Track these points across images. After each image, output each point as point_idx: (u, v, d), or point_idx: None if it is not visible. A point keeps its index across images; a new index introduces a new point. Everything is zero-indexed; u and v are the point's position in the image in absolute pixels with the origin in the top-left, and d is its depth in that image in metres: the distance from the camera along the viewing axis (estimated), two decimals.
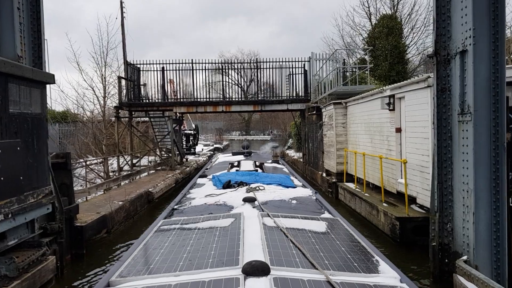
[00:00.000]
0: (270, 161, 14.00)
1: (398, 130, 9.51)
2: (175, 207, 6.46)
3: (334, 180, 14.36)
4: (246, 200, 5.51)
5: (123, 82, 20.87)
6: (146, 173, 18.43)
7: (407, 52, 30.18)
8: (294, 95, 21.38)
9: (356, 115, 12.99)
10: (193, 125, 36.20)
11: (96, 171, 20.93)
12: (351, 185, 13.00)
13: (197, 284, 2.74)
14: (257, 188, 6.66)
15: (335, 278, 2.84)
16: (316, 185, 17.52)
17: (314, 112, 16.73)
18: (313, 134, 18.80)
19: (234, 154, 17.22)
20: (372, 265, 3.33)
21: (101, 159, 20.91)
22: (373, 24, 30.34)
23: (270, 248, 3.39)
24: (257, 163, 11.59)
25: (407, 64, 29.83)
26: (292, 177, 9.41)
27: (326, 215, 5.34)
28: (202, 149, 39.01)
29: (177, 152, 22.52)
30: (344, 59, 21.51)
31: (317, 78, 21.13)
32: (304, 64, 21.45)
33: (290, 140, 35.66)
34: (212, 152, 36.07)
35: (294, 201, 5.99)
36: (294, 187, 7.75)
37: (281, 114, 53.49)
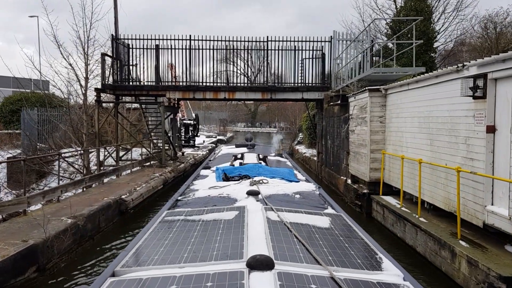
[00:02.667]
0: (274, 154, 13.31)
1: (491, 129, 6.08)
2: (179, 198, 6.26)
3: (365, 191, 10.97)
4: (250, 193, 5.42)
5: (109, 61, 17.54)
6: (129, 170, 15.16)
7: (436, 39, 26.55)
8: (310, 82, 17.93)
9: (403, 107, 9.55)
10: (193, 115, 32.77)
11: (78, 165, 17.80)
12: (392, 201, 9.62)
13: (201, 276, 2.76)
14: (261, 181, 6.54)
15: (338, 275, 2.83)
16: (337, 193, 14.13)
17: (338, 102, 13.28)
18: (333, 129, 15.37)
19: (237, 146, 16.43)
20: (376, 262, 3.29)
21: (80, 151, 17.81)
22: (398, 6, 26.71)
23: (274, 242, 3.38)
24: (261, 156, 11.23)
25: (436, 53, 26.26)
26: (295, 171, 9.13)
27: (330, 210, 5.24)
28: (204, 141, 35.63)
29: (170, 146, 19.16)
30: (372, 39, 17.97)
31: (339, 62, 17.63)
32: (322, 47, 17.94)
33: (300, 134, 32.19)
34: (214, 145, 32.73)
35: (297, 196, 5.90)
36: (298, 181, 7.54)
37: (291, 105, 49.94)
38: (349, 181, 12.80)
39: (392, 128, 10.29)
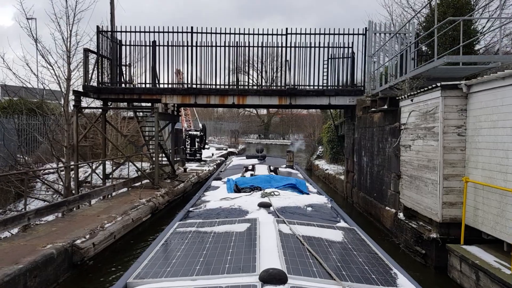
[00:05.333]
0: (285, 165, 12.72)
1: None
2: (191, 209, 6.10)
3: (433, 235, 7.45)
4: (261, 205, 5.33)
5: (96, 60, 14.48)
6: (113, 193, 11.89)
7: (478, 40, 22.93)
8: (338, 85, 14.53)
9: (506, 111, 6.08)
10: (200, 125, 29.55)
11: (59, 184, 14.71)
12: (488, 258, 6.12)
13: None
14: (272, 193, 6.35)
15: None
16: (380, 229, 10.62)
17: (384, 107, 9.81)
18: (372, 143, 11.91)
19: (248, 157, 15.62)
20: (391, 278, 3.21)
21: (58, 168, 14.73)
22: (432, 4, 23.20)
23: (287, 256, 3.34)
24: (272, 168, 10.97)
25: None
26: (307, 183, 8.56)
27: (342, 224, 5.02)
28: (212, 154, 32.29)
29: (169, 161, 15.88)
30: (417, 32, 14.52)
31: (375, 60, 14.23)
32: (352, 43, 14.55)
33: (319, 147, 28.65)
34: (223, 159, 29.40)
35: (309, 208, 5.71)
36: (309, 194, 7.33)
37: (308, 115, 46.50)
38: (400, 215, 9.28)
39: (481, 144, 6.78)
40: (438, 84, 7.29)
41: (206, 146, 36.74)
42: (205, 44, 14.55)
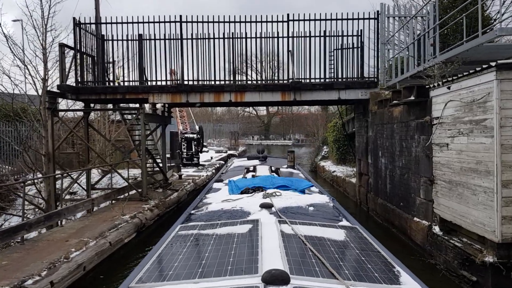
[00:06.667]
0: (286, 166, 12.55)
1: None
2: (192, 211, 6.06)
3: (490, 259, 5.79)
4: (263, 206, 5.29)
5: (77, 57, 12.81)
6: (95, 207, 10.21)
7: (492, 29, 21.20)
8: (346, 77, 12.83)
9: None
10: (197, 127, 27.86)
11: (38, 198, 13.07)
12: None
13: None
14: (274, 194, 6.27)
15: None
16: (405, 243, 8.95)
17: (411, 98, 8.10)
18: (392, 141, 10.24)
19: (249, 158, 15.65)
20: (394, 276, 3.19)
21: (35, 179, 13.12)
22: None
23: (289, 256, 3.32)
24: (273, 168, 10.80)
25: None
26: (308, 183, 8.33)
27: (344, 222, 5.03)
28: (211, 158, 30.58)
29: (156, 168, 14.20)
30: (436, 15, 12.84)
31: (389, 48, 12.58)
32: (361, 30, 12.85)
33: (324, 147, 26.95)
34: (222, 162, 27.72)
35: (311, 208, 5.68)
36: (311, 193, 7.39)
37: (309, 114, 44.74)
38: (436, 228, 7.61)
39: None
40: (492, 64, 5.62)
41: (205, 149, 35.02)
42: (197, 36, 12.90)
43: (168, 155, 22.46)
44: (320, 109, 41.98)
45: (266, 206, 5.25)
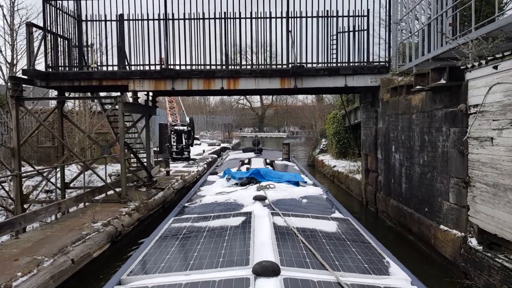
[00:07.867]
0: (281, 158, 12.42)
1: None
2: (186, 204, 6.04)
3: None
4: (257, 198, 5.30)
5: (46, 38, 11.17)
6: (67, 211, 8.70)
7: (504, 11, 19.86)
8: (349, 61, 11.32)
9: None
10: (187, 119, 26.28)
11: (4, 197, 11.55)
12: None
13: (207, 284, 2.75)
14: (268, 186, 6.29)
15: (345, 280, 2.80)
16: (429, 255, 7.57)
17: (442, 81, 6.66)
18: (409, 134, 8.82)
19: (244, 151, 15.57)
20: (383, 266, 3.22)
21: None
22: None
23: (281, 248, 3.35)
24: (268, 161, 10.53)
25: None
26: (302, 175, 8.72)
27: (337, 214, 5.10)
28: (204, 151, 29.06)
29: (139, 164, 12.67)
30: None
31: (403, 26, 11.10)
32: (368, 10, 11.35)
33: (323, 140, 25.54)
34: (215, 156, 26.23)
35: (304, 200, 5.76)
36: (305, 186, 7.30)
37: (304, 106, 43.20)
38: (473, 242, 6.22)
39: None
40: None
41: (197, 142, 33.46)
42: (184, 17, 11.32)
43: (156, 149, 20.99)
44: (315, 100, 40.57)
45: (260, 199, 5.24)
